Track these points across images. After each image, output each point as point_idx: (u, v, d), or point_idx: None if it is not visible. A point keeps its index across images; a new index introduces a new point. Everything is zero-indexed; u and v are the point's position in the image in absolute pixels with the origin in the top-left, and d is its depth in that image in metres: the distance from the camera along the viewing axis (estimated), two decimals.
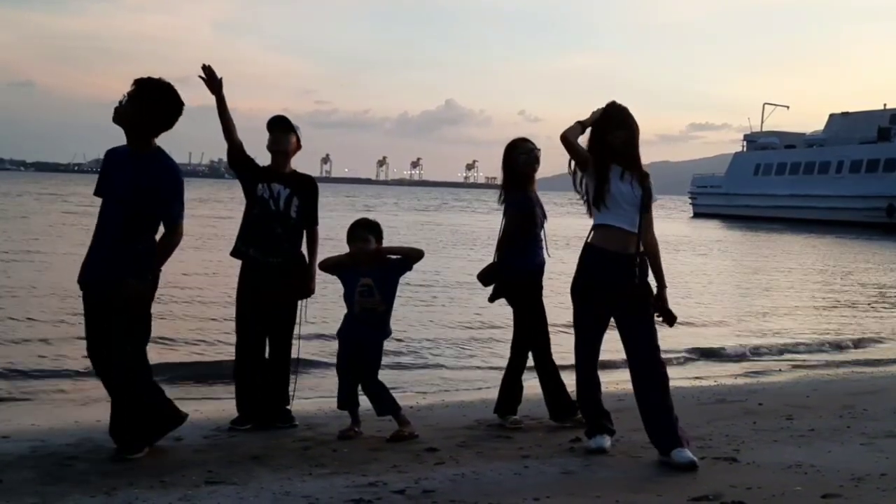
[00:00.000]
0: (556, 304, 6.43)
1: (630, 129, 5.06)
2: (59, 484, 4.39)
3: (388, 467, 4.80)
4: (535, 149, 5.79)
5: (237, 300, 5.75)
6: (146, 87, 4.81)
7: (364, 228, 5.57)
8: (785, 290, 18.66)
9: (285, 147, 5.72)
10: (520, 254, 5.76)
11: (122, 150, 4.93)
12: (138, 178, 4.80)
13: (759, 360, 10.27)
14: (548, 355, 5.83)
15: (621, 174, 5.03)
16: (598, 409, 5.23)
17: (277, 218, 5.66)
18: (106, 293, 4.75)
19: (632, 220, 5.03)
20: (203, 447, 5.26)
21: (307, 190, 5.79)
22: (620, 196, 5.00)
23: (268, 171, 5.73)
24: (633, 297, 5.01)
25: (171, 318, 11.38)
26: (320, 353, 8.76)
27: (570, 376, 5.40)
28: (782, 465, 4.86)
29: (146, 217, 4.84)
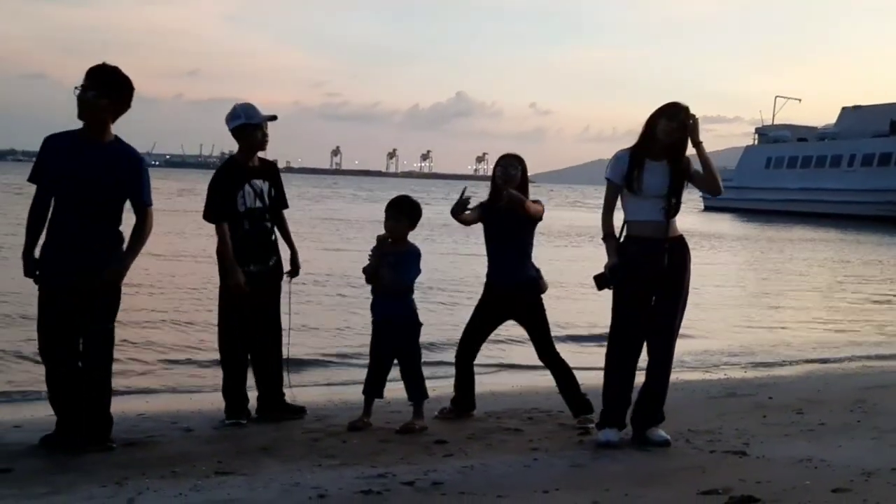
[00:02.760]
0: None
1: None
2: (69, 473, 4.42)
3: (397, 459, 4.81)
4: (510, 165, 5.75)
5: (225, 310, 5.63)
6: (112, 76, 4.80)
7: (399, 208, 5.56)
8: (796, 283, 18.58)
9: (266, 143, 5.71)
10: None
11: (75, 139, 4.80)
12: (109, 167, 4.79)
13: (769, 355, 10.23)
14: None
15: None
16: (617, 402, 5.22)
17: (266, 212, 5.69)
18: (87, 280, 4.74)
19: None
20: (213, 438, 5.28)
21: (277, 177, 5.83)
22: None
23: (241, 170, 5.64)
24: (666, 282, 5.10)
25: (181, 306, 11.44)
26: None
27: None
28: (792, 460, 4.84)
29: (116, 204, 4.86)
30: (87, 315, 4.81)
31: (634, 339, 5.21)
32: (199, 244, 19.92)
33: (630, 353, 5.21)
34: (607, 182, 5.21)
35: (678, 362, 8.86)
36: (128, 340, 9.24)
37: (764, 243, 31.93)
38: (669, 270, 5.14)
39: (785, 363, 9.48)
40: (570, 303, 12.56)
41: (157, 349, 9.01)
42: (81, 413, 4.85)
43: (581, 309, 11.93)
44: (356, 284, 9.67)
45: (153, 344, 9.22)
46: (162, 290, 13.36)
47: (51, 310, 4.80)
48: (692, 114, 5.12)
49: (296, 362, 6.25)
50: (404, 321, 5.58)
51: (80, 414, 4.85)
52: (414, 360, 5.62)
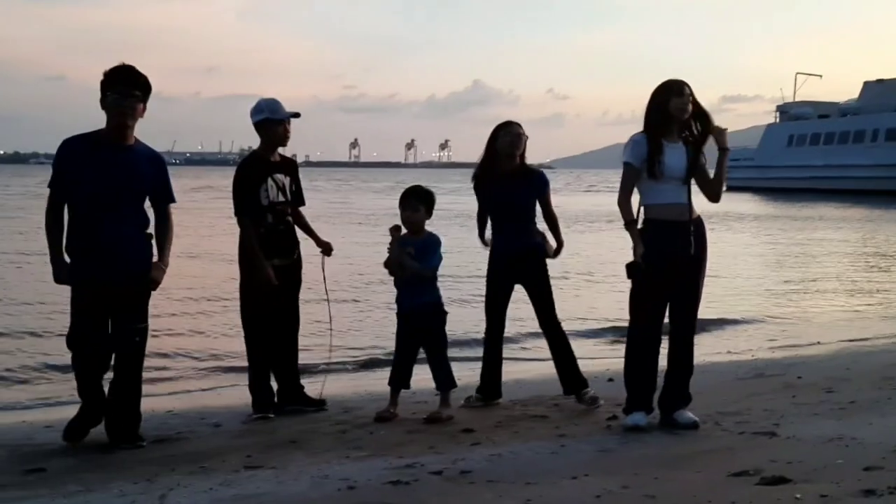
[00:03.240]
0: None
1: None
2: (101, 471, 4.46)
3: (424, 448, 4.81)
4: (519, 133, 5.77)
5: (249, 304, 5.67)
6: (142, 77, 4.81)
7: (414, 197, 5.58)
8: (822, 262, 18.43)
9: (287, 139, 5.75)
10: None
11: (97, 142, 4.78)
12: (135, 168, 4.81)
13: (797, 335, 10.15)
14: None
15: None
16: (643, 385, 5.20)
17: (288, 206, 5.72)
18: (119, 282, 4.78)
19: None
20: (241, 433, 5.31)
21: (295, 172, 5.88)
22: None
23: (265, 164, 5.67)
24: (688, 263, 5.09)
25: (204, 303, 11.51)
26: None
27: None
28: (823, 439, 4.80)
29: (141, 204, 4.91)
30: (121, 314, 4.85)
31: (658, 322, 5.18)
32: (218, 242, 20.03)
33: (654, 335, 5.19)
34: (626, 166, 5.12)
35: (705, 344, 8.91)
36: (153, 338, 9.32)
37: (788, 222, 31.67)
38: (698, 251, 5.13)
39: (813, 343, 9.40)
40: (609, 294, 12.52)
41: (182, 346, 9.07)
42: (104, 404, 4.89)
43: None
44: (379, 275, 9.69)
45: (178, 341, 9.28)
46: (185, 287, 13.44)
47: (81, 304, 4.82)
48: (721, 127, 5.14)
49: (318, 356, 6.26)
50: (431, 310, 5.58)
51: (103, 405, 4.89)
52: (441, 349, 5.62)
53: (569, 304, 5.84)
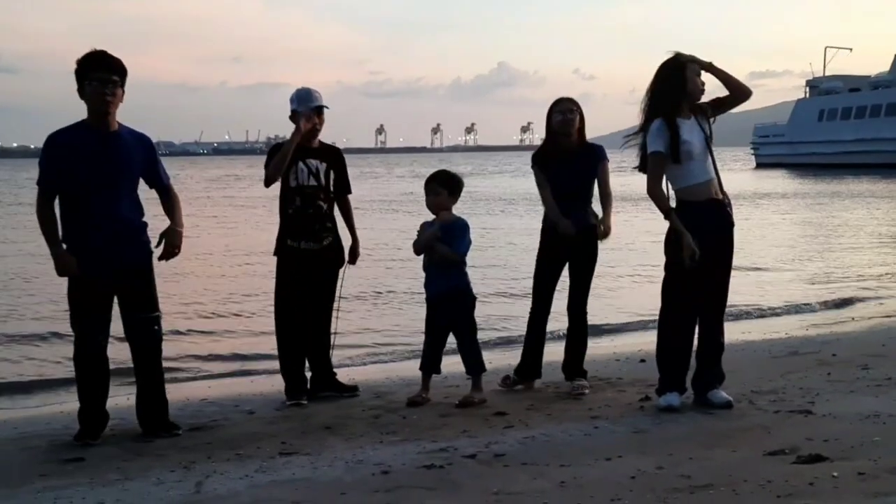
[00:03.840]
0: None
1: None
2: (139, 459, 4.51)
3: (458, 432, 4.82)
4: (570, 110, 5.68)
5: (280, 288, 5.71)
6: (119, 63, 4.77)
7: (436, 182, 5.60)
8: (856, 238, 18.21)
9: (320, 126, 5.76)
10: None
11: (85, 131, 4.74)
12: (125, 153, 4.78)
13: (831, 311, 10.05)
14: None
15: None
16: (676, 365, 5.17)
17: (321, 192, 5.71)
18: (133, 269, 4.81)
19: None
20: (275, 419, 5.35)
21: (339, 161, 5.86)
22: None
23: (301, 149, 5.68)
24: (721, 240, 5.06)
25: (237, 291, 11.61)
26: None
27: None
28: (859, 416, 4.75)
29: (134, 187, 4.88)
30: (131, 307, 4.87)
31: (692, 303, 5.14)
32: (251, 234, 20.20)
33: (689, 315, 5.15)
34: (656, 155, 5.01)
35: (738, 324, 8.86)
36: (186, 326, 9.42)
37: (822, 199, 31.30)
38: (729, 226, 5.11)
39: (847, 319, 9.30)
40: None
41: (215, 335, 9.16)
42: (104, 400, 4.90)
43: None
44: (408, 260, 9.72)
45: (211, 328, 9.37)
46: (218, 276, 13.56)
47: (81, 299, 4.79)
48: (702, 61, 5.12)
49: (349, 341, 6.29)
50: (459, 295, 5.58)
51: (103, 401, 4.90)
52: (470, 334, 5.62)
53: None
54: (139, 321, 4.90)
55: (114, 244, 4.76)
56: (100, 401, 4.89)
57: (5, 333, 9.25)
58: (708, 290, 5.12)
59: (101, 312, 4.82)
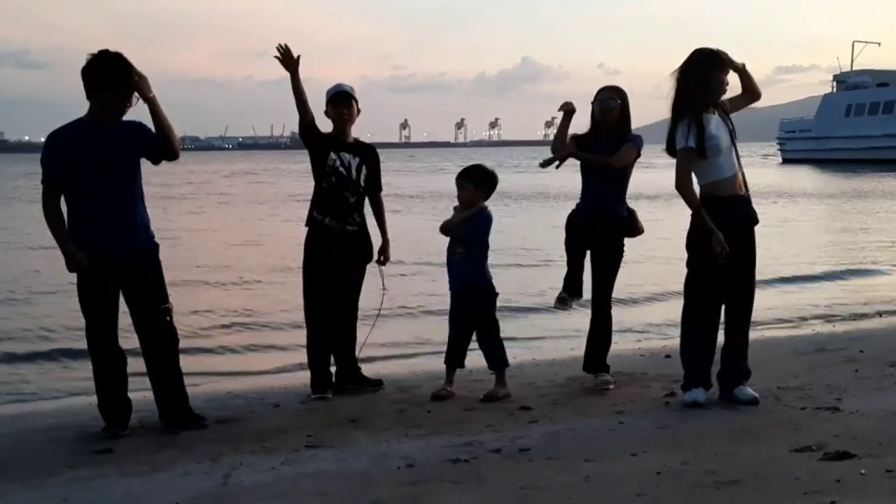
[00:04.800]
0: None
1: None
2: (166, 450, 4.56)
3: (482, 427, 4.83)
4: (609, 98, 5.66)
5: (306, 269, 5.76)
6: (131, 73, 4.77)
7: (464, 177, 5.62)
8: (883, 234, 18.02)
9: (353, 117, 5.82)
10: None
11: (85, 126, 4.79)
12: (125, 141, 4.80)
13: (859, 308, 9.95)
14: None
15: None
16: (701, 361, 5.15)
17: (350, 186, 5.75)
18: (137, 256, 4.85)
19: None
20: (300, 412, 5.38)
21: (373, 159, 5.90)
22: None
23: (335, 140, 5.78)
24: (746, 238, 5.05)
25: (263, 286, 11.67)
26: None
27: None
28: (887, 413, 4.72)
29: (137, 175, 4.91)
30: (139, 298, 4.90)
31: (717, 299, 5.12)
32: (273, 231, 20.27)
33: (713, 310, 5.13)
34: (686, 151, 4.98)
35: (766, 318, 8.80)
36: (211, 320, 9.48)
37: (850, 196, 30.99)
38: (752, 221, 5.10)
39: (875, 315, 9.21)
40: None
41: (240, 327, 9.22)
42: (123, 389, 4.94)
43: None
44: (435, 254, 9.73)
45: (235, 323, 9.42)
46: (244, 269, 13.63)
47: (90, 291, 4.83)
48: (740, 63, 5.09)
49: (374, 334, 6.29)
50: (481, 290, 5.59)
51: (123, 390, 4.94)
52: (492, 330, 5.63)
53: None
54: (149, 315, 4.92)
55: (113, 234, 4.79)
56: (118, 389, 4.93)
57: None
58: (732, 285, 5.10)
59: (106, 302, 4.84)
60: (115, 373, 4.92)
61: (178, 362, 5.07)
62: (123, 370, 4.96)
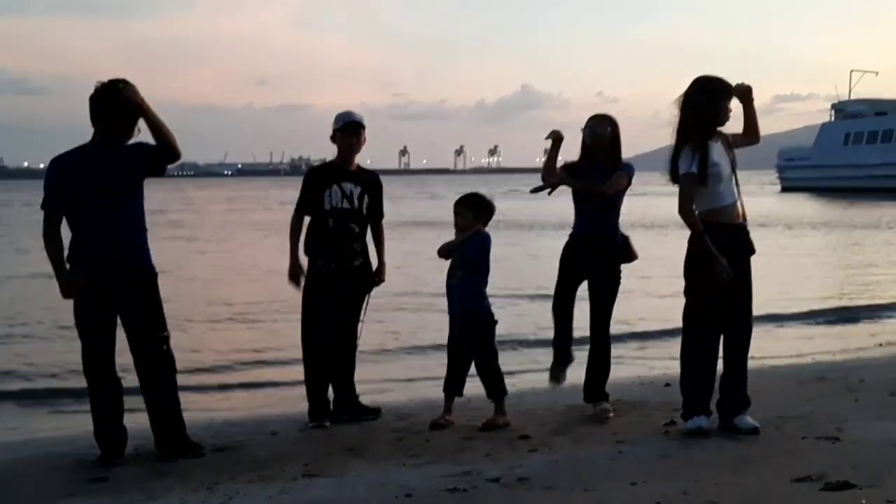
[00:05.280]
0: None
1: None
2: (163, 479, 4.53)
3: (481, 455, 4.81)
4: (599, 125, 5.67)
5: (306, 300, 5.73)
6: (136, 106, 4.84)
7: (462, 204, 5.64)
8: (883, 265, 18.04)
9: (360, 147, 5.83)
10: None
11: (90, 150, 4.83)
12: (128, 159, 4.84)
13: (859, 337, 9.94)
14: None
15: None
16: (701, 389, 5.13)
17: (354, 216, 5.74)
18: (134, 279, 4.84)
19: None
20: (298, 440, 5.36)
21: (375, 186, 5.90)
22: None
23: (337, 170, 5.78)
24: (742, 267, 5.04)
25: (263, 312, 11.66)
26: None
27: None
28: (888, 442, 4.70)
29: (139, 193, 4.95)
30: (136, 325, 4.88)
31: (716, 327, 5.11)
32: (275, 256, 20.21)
33: (712, 338, 5.12)
34: (689, 177, 4.98)
35: (764, 348, 8.78)
36: (210, 347, 9.46)
37: (846, 226, 31.04)
38: (749, 249, 5.11)
39: (875, 345, 9.20)
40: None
41: (239, 353, 9.19)
42: (119, 417, 4.91)
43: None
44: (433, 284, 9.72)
45: (234, 349, 9.40)
46: (243, 295, 13.61)
47: (87, 316, 4.83)
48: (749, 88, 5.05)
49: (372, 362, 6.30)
50: (480, 317, 5.58)
51: (118, 418, 4.91)
52: (490, 358, 5.61)
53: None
54: (147, 343, 4.90)
55: (113, 259, 4.79)
56: (114, 417, 4.91)
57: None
58: (731, 314, 5.10)
59: (104, 328, 4.84)
60: (111, 400, 4.90)
61: (175, 390, 5.05)
62: (120, 398, 4.94)
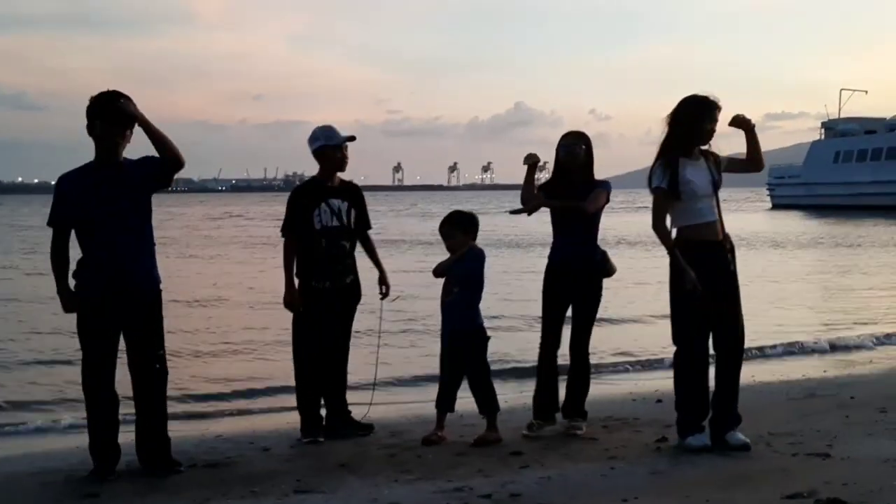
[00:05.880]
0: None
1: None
2: (154, 494, 4.52)
3: (473, 472, 4.81)
4: (575, 143, 5.68)
5: (299, 327, 5.74)
6: (130, 107, 4.84)
7: (448, 225, 5.66)
8: (872, 281, 18.11)
9: (346, 160, 5.81)
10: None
11: (96, 169, 4.85)
12: (134, 180, 4.85)
13: (848, 353, 9.97)
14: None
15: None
16: (695, 406, 5.15)
17: (345, 232, 5.76)
18: (140, 298, 4.85)
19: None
20: (291, 456, 5.35)
21: (359, 198, 5.91)
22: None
23: (322, 188, 5.77)
24: (727, 282, 5.06)
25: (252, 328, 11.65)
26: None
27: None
28: (878, 459, 4.71)
29: (148, 209, 4.97)
30: (136, 343, 4.89)
31: (703, 344, 5.13)
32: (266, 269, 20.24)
33: (702, 357, 5.14)
34: (658, 191, 5.07)
35: (756, 365, 8.80)
36: (202, 361, 9.44)
37: (838, 241, 31.16)
38: (732, 268, 5.12)
39: (865, 362, 9.23)
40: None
41: (229, 370, 9.17)
42: (115, 433, 4.90)
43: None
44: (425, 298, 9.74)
45: (225, 364, 9.39)
46: (234, 309, 13.60)
47: (91, 332, 4.84)
48: (739, 117, 5.12)
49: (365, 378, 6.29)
50: (473, 334, 5.60)
51: (114, 434, 4.90)
52: (483, 375, 5.62)
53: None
54: (144, 359, 4.91)
55: (119, 275, 4.79)
56: (110, 433, 4.89)
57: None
58: (719, 331, 5.12)
59: (106, 343, 4.84)
60: (108, 406, 4.89)
61: (165, 407, 5.04)
62: (116, 407, 4.93)
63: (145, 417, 4.96)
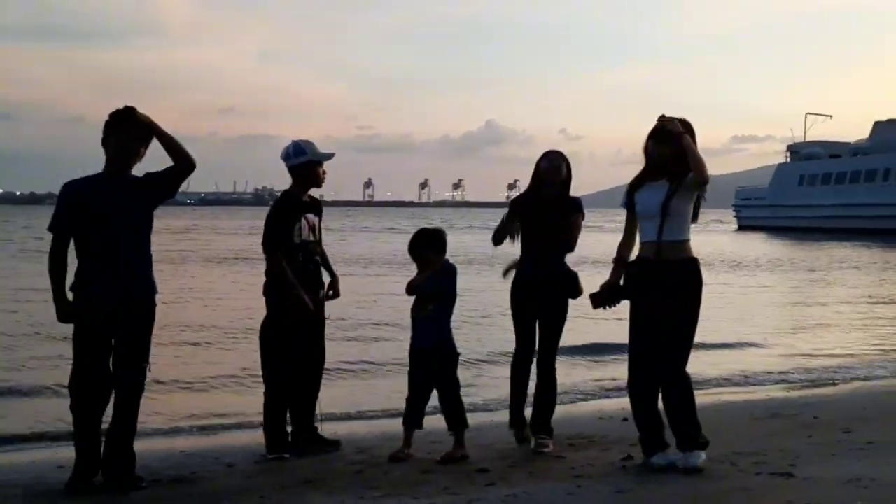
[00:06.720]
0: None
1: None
2: None
3: (439, 489, 4.79)
4: (558, 159, 5.79)
5: (272, 338, 5.68)
6: (146, 124, 4.94)
7: (418, 248, 5.65)
8: (836, 302, 18.33)
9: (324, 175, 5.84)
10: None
11: (106, 179, 4.88)
12: (137, 194, 4.91)
13: (813, 374, 10.06)
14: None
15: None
16: (654, 424, 5.16)
17: (317, 245, 5.82)
18: (136, 309, 4.84)
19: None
20: (255, 473, 5.30)
21: (321, 211, 5.98)
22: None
23: (298, 202, 5.77)
24: (670, 303, 5.07)
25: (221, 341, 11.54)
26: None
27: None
28: (841, 480, 4.75)
29: (147, 230, 5.02)
30: (124, 353, 4.85)
31: (644, 361, 5.12)
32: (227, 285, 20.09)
33: (647, 375, 5.14)
34: (625, 209, 5.34)
35: (720, 382, 8.87)
36: (167, 374, 9.33)
37: (801, 262, 31.54)
38: (674, 292, 5.05)
39: (829, 382, 9.33)
40: None
41: (195, 385, 9.07)
42: (99, 452, 4.86)
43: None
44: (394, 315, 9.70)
45: (191, 380, 9.28)
46: (198, 325, 13.47)
47: (84, 339, 4.82)
48: (672, 120, 5.12)
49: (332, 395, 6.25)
50: (443, 350, 5.59)
51: (99, 453, 4.86)
52: (452, 391, 5.61)
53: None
54: (128, 370, 4.87)
55: (117, 285, 4.80)
56: (94, 444, 4.84)
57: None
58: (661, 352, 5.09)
59: (100, 352, 4.81)
60: (91, 418, 4.84)
61: (135, 421, 4.97)
62: (99, 419, 4.87)
63: (118, 429, 4.90)
